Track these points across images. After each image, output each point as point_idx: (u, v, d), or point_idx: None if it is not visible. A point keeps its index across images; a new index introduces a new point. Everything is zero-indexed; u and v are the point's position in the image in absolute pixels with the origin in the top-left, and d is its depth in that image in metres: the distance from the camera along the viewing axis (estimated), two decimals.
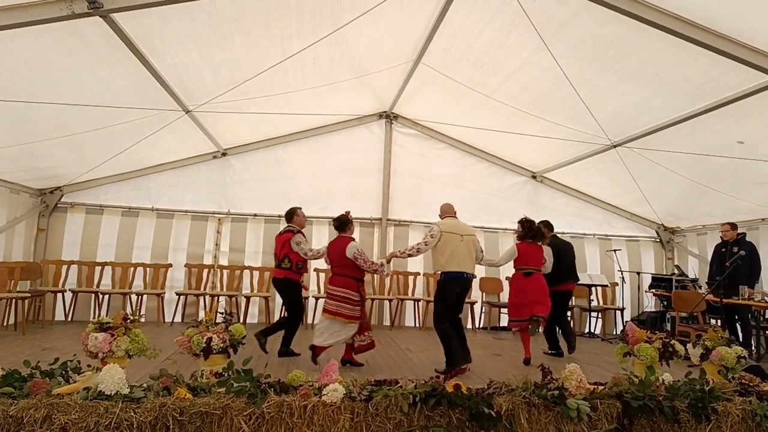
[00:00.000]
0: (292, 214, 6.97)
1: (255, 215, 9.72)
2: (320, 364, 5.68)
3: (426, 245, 6.12)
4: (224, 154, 9.64)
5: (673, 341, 4.42)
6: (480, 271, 9.76)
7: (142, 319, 8.19)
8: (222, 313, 4.31)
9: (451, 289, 6.06)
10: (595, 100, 6.74)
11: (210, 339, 3.94)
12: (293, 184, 9.86)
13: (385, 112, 10.03)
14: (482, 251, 6.55)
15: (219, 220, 9.64)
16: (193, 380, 3.57)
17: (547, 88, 6.89)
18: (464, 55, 6.86)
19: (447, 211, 6.48)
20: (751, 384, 3.92)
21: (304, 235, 6.78)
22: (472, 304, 9.52)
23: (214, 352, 3.97)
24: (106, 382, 3.24)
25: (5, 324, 7.85)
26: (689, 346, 4.70)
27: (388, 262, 6.42)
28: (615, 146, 7.88)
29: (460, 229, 6.18)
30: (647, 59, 5.57)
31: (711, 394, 3.63)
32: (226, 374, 3.58)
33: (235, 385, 3.37)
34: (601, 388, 3.70)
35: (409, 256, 6.36)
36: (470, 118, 8.81)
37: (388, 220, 10.11)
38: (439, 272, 6.16)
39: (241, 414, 3.22)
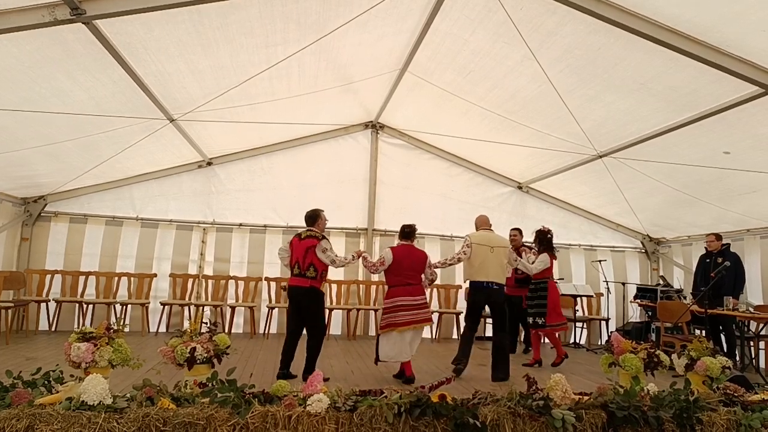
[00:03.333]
0: (315, 217, 6.22)
1: (240, 225, 9.67)
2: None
3: (464, 254, 6.46)
4: (209, 164, 9.59)
5: (658, 351, 4.43)
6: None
7: (126, 329, 8.12)
8: (206, 323, 4.28)
9: (474, 297, 6.48)
10: (581, 110, 6.79)
11: (194, 349, 3.90)
12: (279, 194, 9.84)
13: (371, 122, 10.04)
14: (516, 260, 7.04)
15: (204, 229, 9.58)
16: (176, 390, 3.53)
17: (534, 97, 6.92)
18: (450, 64, 6.90)
19: (481, 224, 6.80)
20: (736, 394, 3.94)
21: (329, 241, 6.17)
22: (458, 314, 9.50)
23: (198, 362, 3.93)
24: (89, 393, 3.20)
25: None
26: (674, 356, 4.73)
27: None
28: (601, 156, 7.93)
29: (490, 241, 6.50)
30: (633, 69, 5.61)
31: (696, 405, 3.64)
32: (210, 384, 3.54)
33: (219, 395, 3.34)
34: (586, 398, 3.70)
35: (449, 265, 6.73)
36: (456, 127, 8.85)
37: (374, 230, 10.10)
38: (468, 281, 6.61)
39: (225, 424, 3.18)
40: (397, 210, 10.15)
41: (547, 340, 8.20)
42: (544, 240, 7.57)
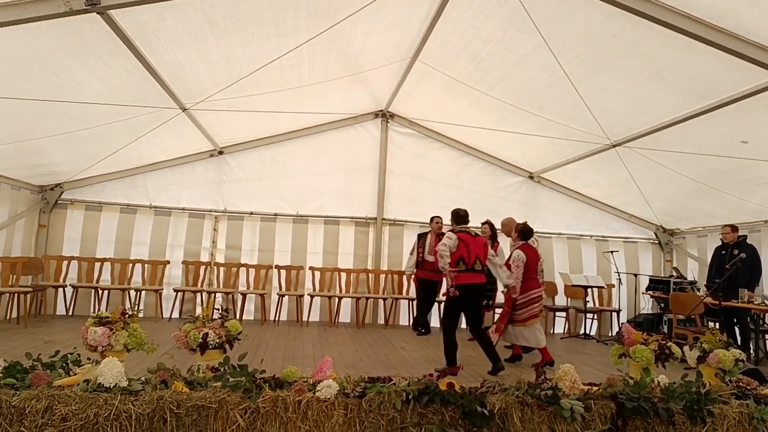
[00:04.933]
0: (466, 217, 6.36)
1: (251, 213, 9.74)
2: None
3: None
4: (221, 153, 9.64)
5: (669, 343, 4.43)
6: None
7: (141, 315, 8.29)
8: (218, 309, 4.34)
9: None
10: (594, 99, 6.72)
11: (206, 335, 3.97)
12: (289, 182, 9.90)
13: (381, 111, 10.03)
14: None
15: (216, 218, 9.67)
16: (189, 374, 3.60)
17: (546, 86, 6.86)
18: (461, 53, 6.85)
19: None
20: (749, 387, 3.91)
21: None
22: None
23: (211, 347, 4.00)
24: (105, 375, 3.28)
25: (8, 318, 7.92)
26: (686, 348, 4.72)
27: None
28: (615, 146, 7.85)
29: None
30: (648, 57, 5.53)
31: (707, 397, 3.63)
32: (222, 369, 3.60)
33: (231, 379, 3.40)
34: (595, 388, 3.72)
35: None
36: (467, 116, 8.81)
37: (383, 219, 10.11)
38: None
39: (236, 408, 3.25)
40: (406, 199, 10.19)
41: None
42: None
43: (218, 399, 3.26)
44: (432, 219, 9.08)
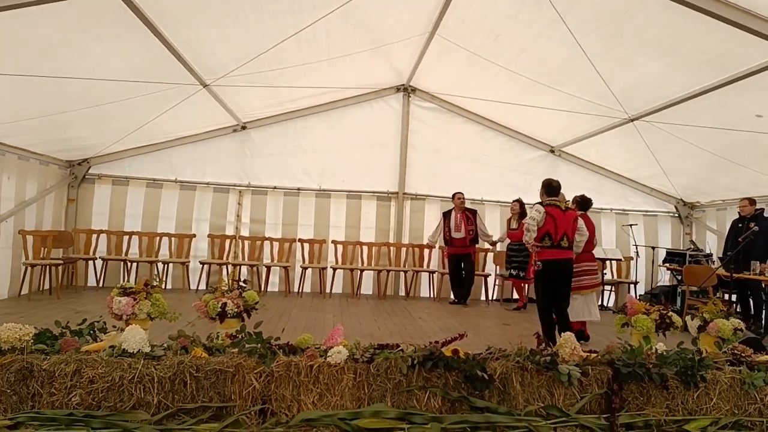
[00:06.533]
0: (558, 188, 6.04)
1: (275, 188, 9.95)
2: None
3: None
4: (244, 128, 9.81)
5: (670, 313, 4.54)
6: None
7: (169, 286, 8.55)
8: (238, 281, 4.56)
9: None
10: (611, 73, 6.71)
11: (225, 304, 4.19)
12: (311, 157, 10.06)
13: (403, 85, 10.08)
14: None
15: (240, 192, 9.89)
16: (209, 341, 3.84)
17: (563, 60, 6.87)
18: (479, 27, 6.89)
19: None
20: (744, 354, 4.03)
21: None
22: (486, 276, 9.69)
23: (229, 316, 4.23)
24: (129, 341, 3.53)
25: (41, 289, 8.25)
26: (688, 318, 4.83)
27: None
28: (632, 120, 7.83)
29: None
30: (662, 31, 5.51)
31: (701, 363, 3.77)
32: (239, 336, 3.83)
33: (247, 346, 3.63)
34: (594, 355, 3.88)
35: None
36: (487, 90, 8.82)
37: (404, 194, 10.23)
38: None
39: (252, 372, 3.48)
40: (427, 174, 10.29)
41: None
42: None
43: (235, 363, 3.49)
44: (454, 195, 9.20)
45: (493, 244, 9.66)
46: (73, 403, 3.34)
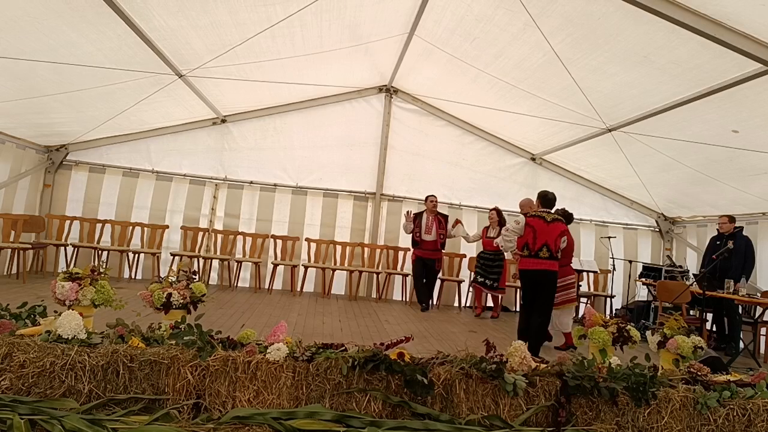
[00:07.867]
0: (553, 201, 6.27)
1: (251, 183, 9.86)
2: None
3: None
4: (223, 121, 9.73)
5: (628, 327, 4.47)
6: (470, 250, 9.89)
7: (139, 276, 8.38)
8: (185, 272, 4.46)
9: None
10: (586, 81, 6.66)
11: (170, 295, 4.10)
12: (290, 154, 9.98)
13: (385, 85, 10.03)
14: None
15: (216, 185, 9.80)
16: (148, 332, 3.74)
17: (539, 66, 6.80)
18: (456, 29, 6.83)
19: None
20: (700, 373, 3.95)
21: None
22: (459, 282, 9.61)
23: (174, 307, 4.13)
24: (64, 327, 3.43)
25: (8, 273, 8.17)
26: (648, 333, 4.76)
27: None
28: (610, 130, 7.79)
29: None
30: (635, 40, 5.44)
31: (652, 380, 3.67)
32: (180, 328, 3.74)
33: (185, 337, 3.53)
34: (543, 366, 3.79)
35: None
36: (467, 94, 8.79)
37: (382, 195, 10.17)
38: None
39: (187, 365, 3.38)
40: (405, 176, 10.24)
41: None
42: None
43: (171, 355, 3.40)
44: (427, 198, 9.14)
45: (469, 241, 9.51)
46: (2, 387, 3.24)
